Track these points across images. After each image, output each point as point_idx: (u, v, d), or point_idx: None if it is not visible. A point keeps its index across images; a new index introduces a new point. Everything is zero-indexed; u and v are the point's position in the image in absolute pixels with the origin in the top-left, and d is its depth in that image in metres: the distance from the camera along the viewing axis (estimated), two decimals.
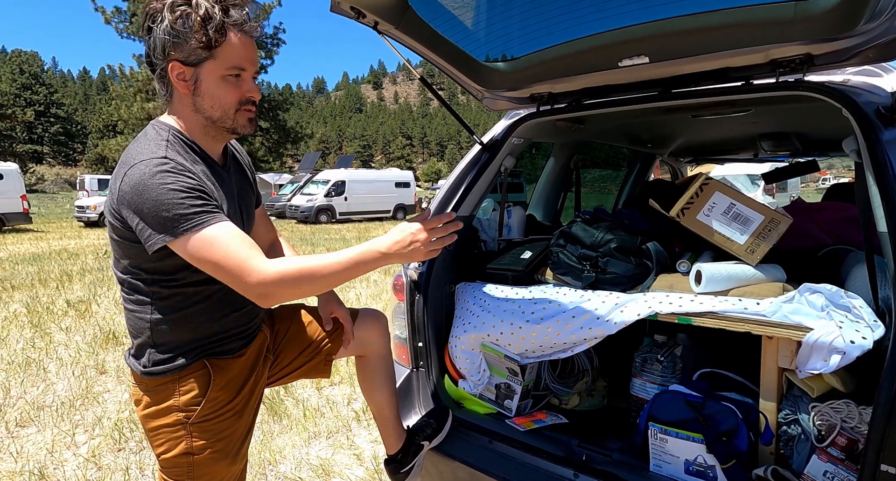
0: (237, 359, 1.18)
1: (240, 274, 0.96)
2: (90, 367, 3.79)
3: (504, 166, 2.00)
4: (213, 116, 1.05)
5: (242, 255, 0.96)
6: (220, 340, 1.15)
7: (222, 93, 1.03)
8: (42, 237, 13.82)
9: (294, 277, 0.98)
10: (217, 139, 1.11)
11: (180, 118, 1.06)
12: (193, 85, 1.01)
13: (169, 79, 1.01)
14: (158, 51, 0.99)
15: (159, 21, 0.97)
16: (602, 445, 1.47)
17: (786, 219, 1.46)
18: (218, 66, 1.01)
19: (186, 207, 0.94)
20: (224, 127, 1.07)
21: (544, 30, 1.62)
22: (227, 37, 0.99)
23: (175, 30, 0.96)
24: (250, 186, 1.28)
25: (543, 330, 1.55)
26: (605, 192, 4.06)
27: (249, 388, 1.21)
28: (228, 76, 1.02)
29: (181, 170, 0.97)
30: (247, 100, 1.06)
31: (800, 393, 1.29)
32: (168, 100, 1.06)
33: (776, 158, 3.96)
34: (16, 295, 6.32)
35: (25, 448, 2.66)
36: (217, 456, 1.14)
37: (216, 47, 0.98)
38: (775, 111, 2.24)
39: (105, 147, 32.58)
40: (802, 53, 1.35)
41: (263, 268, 0.96)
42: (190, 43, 0.97)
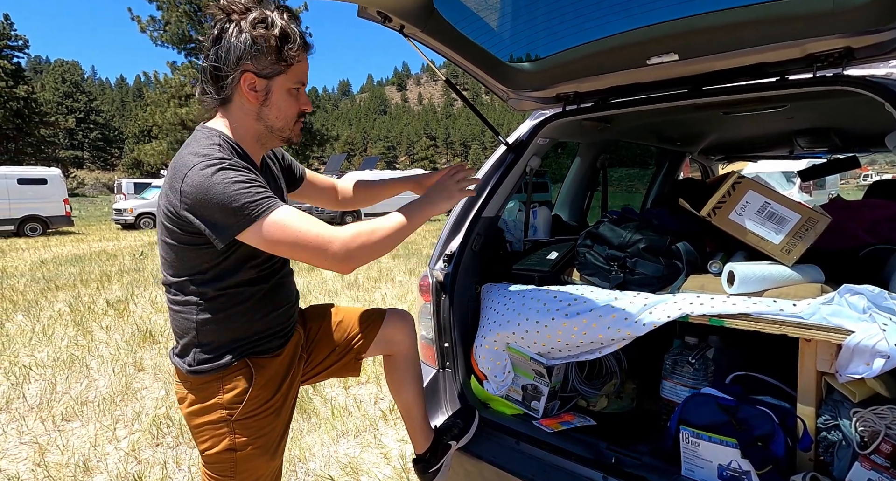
0: (276, 357, 1.22)
1: (321, 245, 1.00)
2: (129, 365, 3.94)
3: (529, 166, 1.99)
4: (275, 126, 1.10)
5: (317, 230, 1.01)
6: (261, 339, 1.18)
7: (287, 105, 1.09)
8: (83, 239, 14.42)
9: (367, 234, 1.05)
10: (265, 146, 1.16)
11: (234, 124, 1.09)
12: (264, 96, 1.06)
13: (236, 87, 1.05)
14: (231, 60, 1.02)
15: (236, 32, 1.01)
16: (631, 448, 1.45)
17: (824, 218, 1.41)
18: (287, 80, 1.07)
19: (252, 195, 0.98)
20: (281, 136, 1.13)
21: (570, 29, 1.61)
22: (301, 55, 1.06)
23: (256, 44, 1.01)
24: (282, 185, 1.33)
25: (570, 327, 1.54)
26: (632, 192, 3.99)
27: (287, 386, 1.25)
28: (293, 89, 1.09)
29: (239, 165, 1.02)
30: (302, 112, 1.14)
31: (840, 398, 1.25)
32: (220, 105, 1.09)
33: (813, 155, 3.81)
34: (60, 295, 6.62)
35: (71, 441, 2.79)
36: (258, 452, 1.17)
37: (293, 64, 1.05)
38: (813, 106, 2.17)
39: (140, 151, 33.78)
40: (842, 47, 1.30)
41: (341, 234, 1.02)
42: (269, 57, 1.02)
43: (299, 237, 1.00)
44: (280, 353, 1.23)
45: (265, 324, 1.18)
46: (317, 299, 6.18)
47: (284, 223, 0.99)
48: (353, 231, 1.04)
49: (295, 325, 1.31)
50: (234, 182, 0.98)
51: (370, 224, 1.07)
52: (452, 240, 1.86)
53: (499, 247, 2.05)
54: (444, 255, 1.82)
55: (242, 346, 1.15)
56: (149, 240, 13.71)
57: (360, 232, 1.05)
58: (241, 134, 1.10)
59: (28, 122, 40.72)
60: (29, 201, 14.77)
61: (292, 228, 0.99)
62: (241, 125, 1.09)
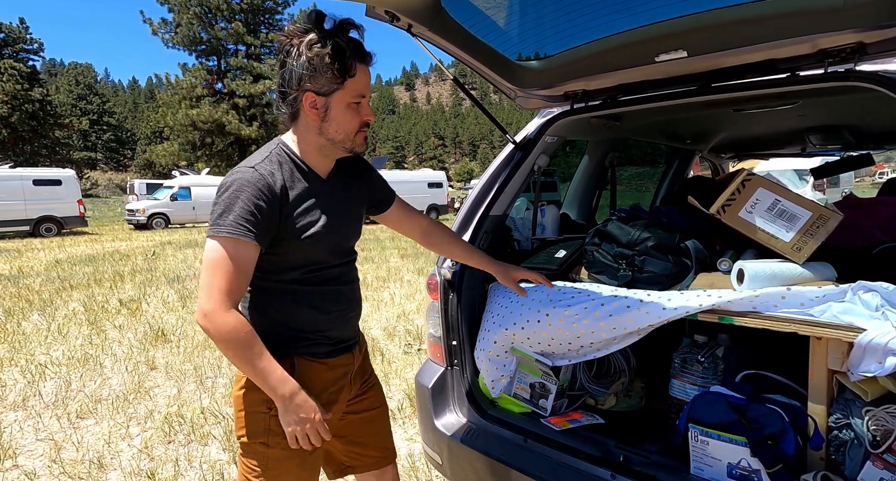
0: (321, 364, 1.23)
1: (203, 295, 1.06)
2: (141, 363, 3.99)
3: (537, 165, 1.99)
4: (336, 139, 1.16)
5: (212, 285, 1.05)
6: (307, 339, 1.21)
7: (347, 118, 1.14)
8: (96, 239, 14.63)
9: (224, 339, 1.05)
10: (330, 157, 1.22)
11: (299, 138, 1.18)
12: (324, 112, 1.12)
13: (299, 105, 1.12)
14: (294, 82, 1.10)
15: (296, 56, 1.08)
16: (640, 446, 1.44)
17: (836, 216, 1.40)
18: (345, 95, 1.12)
19: (234, 213, 1.05)
20: (343, 147, 1.18)
21: (578, 26, 1.61)
22: (355, 69, 1.10)
23: (312, 64, 1.07)
24: (359, 196, 1.33)
25: (571, 317, 1.53)
26: (641, 190, 3.97)
27: (326, 400, 1.22)
28: (352, 103, 1.13)
29: (257, 174, 1.09)
30: (365, 123, 1.18)
31: (852, 397, 1.24)
32: (290, 121, 1.17)
33: (826, 152, 3.76)
34: (74, 294, 6.72)
35: (85, 438, 2.84)
36: (289, 455, 1.17)
37: (347, 80, 1.10)
38: (825, 103, 2.14)
39: (152, 152, 34.20)
40: (854, 42, 1.28)
41: (213, 310, 1.05)
42: (326, 75, 1.08)
43: (213, 275, 1.06)
44: (326, 363, 1.23)
45: (315, 324, 1.21)
46: None
47: (218, 254, 1.05)
48: (220, 323, 1.04)
49: (351, 348, 1.31)
50: (244, 196, 1.07)
51: (237, 340, 1.06)
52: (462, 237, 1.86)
53: (507, 245, 2.05)
54: None
55: (287, 341, 1.18)
56: (160, 240, 13.87)
57: (223, 332, 1.04)
58: (304, 147, 1.17)
59: (43, 124, 41.39)
60: (44, 202, 15.02)
61: (215, 265, 1.06)
62: (304, 139, 1.17)
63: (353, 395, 1.36)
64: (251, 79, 31.81)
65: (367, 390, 1.41)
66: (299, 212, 1.14)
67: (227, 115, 30.54)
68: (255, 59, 32.71)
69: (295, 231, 1.13)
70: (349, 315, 1.28)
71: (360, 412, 1.39)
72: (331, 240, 1.19)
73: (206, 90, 32.17)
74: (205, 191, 19.38)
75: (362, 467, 1.43)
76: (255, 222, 1.06)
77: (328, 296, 1.22)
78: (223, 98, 32.49)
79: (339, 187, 1.25)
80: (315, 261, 1.19)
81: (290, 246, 1.14)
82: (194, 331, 4.85)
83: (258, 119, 31.88)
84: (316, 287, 1.20)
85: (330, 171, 1.24)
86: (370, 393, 1.42)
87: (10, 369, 3.93)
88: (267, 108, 32.27)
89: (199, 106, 30.81)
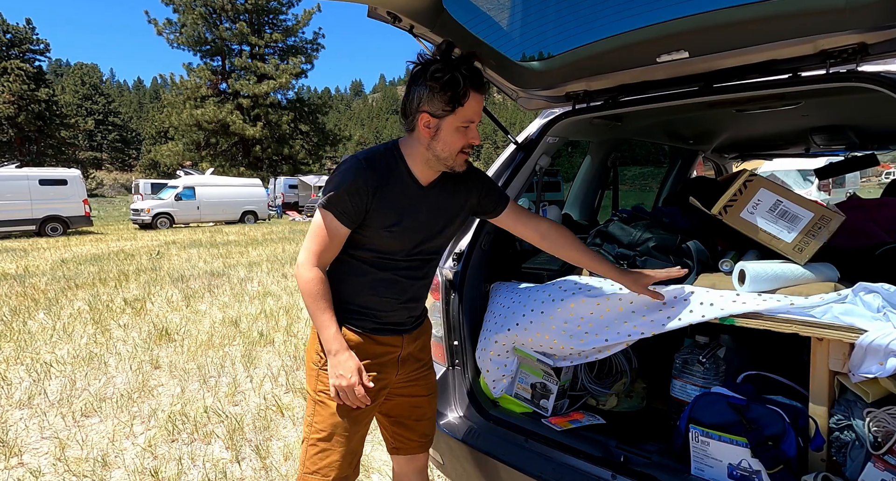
0: (366, 337, 1.36)
1: (305, 253, 1.31)
2: (145, 362, 4.02)
3: (539, 165, 1.99)
4: (441, 156, 1.28)
5: (315, 248, 1.30)
6: (356, 313, 1.36)
7: (453, 140, 1.25)
8: (101, 239, 14.71)
9: (303, 288, 1.30)
10: (433, 169, 1.33)
11: (412, 146, 1.31)
12: (434, 132, 1.25)
13: (416, 122, 1.26)
14: (414, 103, 1.24)
15: (420, 82, 1.22)
16: (641, 447, 1.44)
17: (838, 216, 1.39)
18: (455, 120, 1.23)
19: (336, 198, 1.25)
20: (445, 164, 1.30)
21: (579, 27, 1.61)
22: (468, 98, 1.21)
23: (431, 91, 1.20)
24: (460, 206, 1.42)
25: (566, 307, 1.56)
26: (645, 190, 3.96)
27: (367, 370, 1.35)
28: (461, 127, 1.25)
29: (362, 179, 1.25)
30: (469, 145, 1.28)
31: (853, 398, 1.24)
32: (408, 130, 1.32)
33: (830, 152, 3.74)
34: (79, 293, 6.76)
35: (90, 437, 2.86)
36: (332, 408, 1.34)
37: (459, 107, 1.21)
38: (828, 103, 2.13)
39: (157, 152, 34.35)
40: (855, 43, 1.28)
41: (302, 263, 1.31)
42: (440, 101, 1.21)
43: (309, 239, 1.31)
44: (370, 338, 1.37)
45: (364, 301, 1.36)
46: None
47: (318, 224, 1.30)
48: (306, 276, 1.29)
49: (401, 332, 1.42)
50: (340, 173, 1.27)
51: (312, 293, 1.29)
52: (462, 238, 1.87)
53: (508, 245, 2.05)
54: (454, 254, 1.84)
55: (342, 310, 1.35)
56: (165, 240, 13.94)
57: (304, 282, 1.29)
58: (412, 156, 1.31)
59: (49, 124, 41.66)
60: (50, 202, 15.11)
61: (313, 231, 1.31)
62: (414, 149, 1.30)
63: (404, 379, 1.47)
64: (255, 79, 31.92)
65: (418, 377, 1.51)
66: (386, 210, 1.28)
67: (232, 115, 30.65)
68: (259, 59, 32.80)
69: (376, 224, 1.28)
70: (401, 304, 1.39)
71: (407, 396, 1.50)
72: (406, 239, 1.32)
73: (210, 90, 32.31)
74: (209, 190, 19.46)
75: (405, 450, 1.56)
76: (345, 207, 1.25)
77: (387, 283, 1.35)
78: (227, 98, 32.61)
79: (436, 195, 1.36)
80: (386, 251, 1.33)
81: (370, 233, 1.30)
82: (198, 331, 4.88)
83: (262, 119, 31.98)
84: (379, 271, 1.34)
85: (433, 180, 1.35)
86: (421, 382, 1.52)
87: (16, 367, 3.96)
88: (271, 108, 32.38)
89: (203, 106, 30.94)
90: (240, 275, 8.09)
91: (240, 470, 2.49)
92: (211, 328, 4.99)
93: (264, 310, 5.68)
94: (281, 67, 32.17)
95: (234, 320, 5.25)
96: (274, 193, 26.05)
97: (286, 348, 4.32)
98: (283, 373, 3.72)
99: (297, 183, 27.66)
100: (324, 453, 1.35)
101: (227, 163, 32.21)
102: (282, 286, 7.13)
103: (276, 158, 33.67)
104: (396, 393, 1.48)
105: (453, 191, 1.39)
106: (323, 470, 1.35)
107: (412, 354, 1.47)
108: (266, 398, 3.31)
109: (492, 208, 1.48)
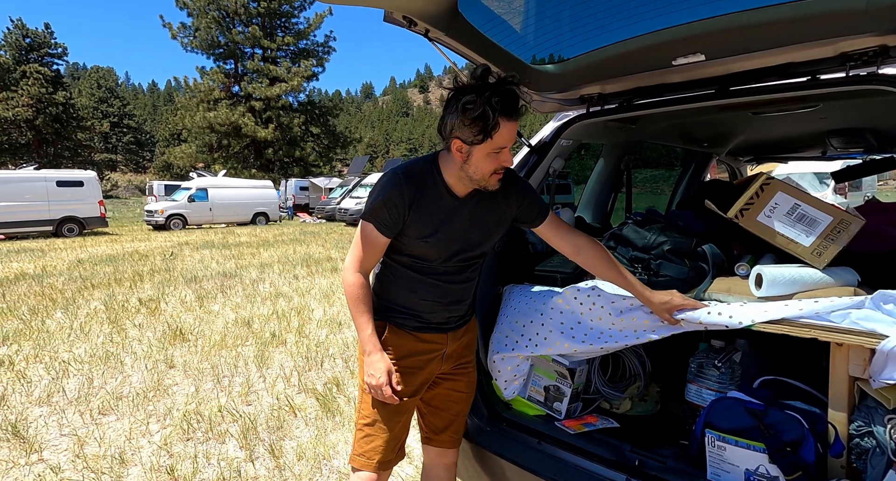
0: (409, 334, 1.46)
1: (350, 260, 1.40)
2: (160, 362, 4.07)
3: (552, 168, 1.99)
4: (473, 178, 1.33)
5: (358, 257, 1.40)
6: (400, 313, 1.46)
7: (484, 164, 1.29)
8: (116, 240, 14.92)
9: (346, 292, 1.40)
10: (466, 186, 1.38)
11: (447, 163, 1.36)
12: (466, 156, 1.29)
13: (450, 145, 1.31)
14: (448, 129, 1.29)
15: (453, 110, 1.25)
16: (655, 451, 1.44)
17: (857, 220, 1.38)
18: (486, 147, 1.26)
19: (377, 209, 1.33)
20: (478, 185, 1.35)
21: (594, 30, 1.61)
22: (498, 128, 1.23)
23: (463, 120, 1.24)
24: (497, 218, 1.46)
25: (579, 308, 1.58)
26: (658, 193, 3.94)
27: (410, 365, 1.46)
28: (492, 153, 1.28)
29: (400, 190, 1.32)
30: (501, 168, 1.32)
31: (874, 404, 1.22)
32: (446, 150, 1.36)
33: (847, 155, 3.69)
34: (95, 293, 6.87)
35: (107, 434, 2.90)
36: (368, 399, 1.47)
37: (489, 138, 1.25)
38: (846, 106, 2.11)
39: (171, 154, 34.81)
40: (876, 45, 1.27)
41: (347, 268, 1.41)
42: (472, 131, 1.24)
43: (355, 248, 1.41)
44: (414, 336, 1.47)
45: (406, 302, 1.46)
46: (339, 299, 6.27)
47: (362, 234, 1.38)
48: (350, 281, 1.39)
49: (444, 330, 1.49)
50: (380, 186, 1.34)
51: (354, 297, 1.39)
52: None
53: (521, 248, 2.05)
54: None
55: (388, 309, 1.47)
56: (178, 241, 14.11)
57: (348, 288, 1.39)
58: (448, 172, 1.37)
59: (66, 127, 42.42)
60: (67, 203, 15.37)
61: (358, 241, 1.39)
62: (450, 167, 1.36)
63: (447, 371, 1.55)
64: (267, 82, 32.23)
65: (459, 374, 1.58)
66: (422, 221, 1.35)
67: (244, 118, 30.98)
68: (271, 62, 33.12)
69: (414, 234, 1.36)
70: (443, 306, 1.47)
71: (447, 389, 1.58)
72: (441, 248, 1.39)
73: (223, 93, 32.69)
74: (221, 192, 19.65)
75: (437, 443, 1.62)
76: (384, 219, 1.33)
77: (427, 286, 1.44)
78: (240, 101, 32.96)
79: (472, 207, 1.41)
80: (424, 257, 1.41)
81: (408, 241, 1.38)
82: (211, 331, 4.93)
83: (273, 121, 32.26)
84: (419, 275, 1.43)
85: (469, 192, 1.39)
86: (462, 378, 1.59)
87: (36, 366, 4.03)
88: (282, 111, 32.66)
89: (216, 108, 31.29)
90: (252, 276, 8.16)
91: (254, 469, 2.51)
92: (224, 328, 5.04)
93: (276, 310, 5.72)
94: (292, 70, 32.46)
95: (246, 321, 5.30)
96: (285, 195, 26.24)
97: (298, 349, 4.36)
98: (296, 374, 3.75)
99: (307, 185, 27.85)
100: (368, 437, 1.47)
101: (240, 164, 32.54)
102: (293, 287, 7.19)
103: (288, 160, 33.95)
104: (438, 382, 1.56)
105: (491, 202, 1.43)
106: (368, 454, 1.47)
107: (456, 351, 1.55)
108: (279, 398, 3.33)
109: (531, 219, 1.50)
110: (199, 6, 31.14)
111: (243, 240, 14.36)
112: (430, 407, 1.60)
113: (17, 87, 40.47)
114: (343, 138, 36.66)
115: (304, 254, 10.94)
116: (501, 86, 1.22)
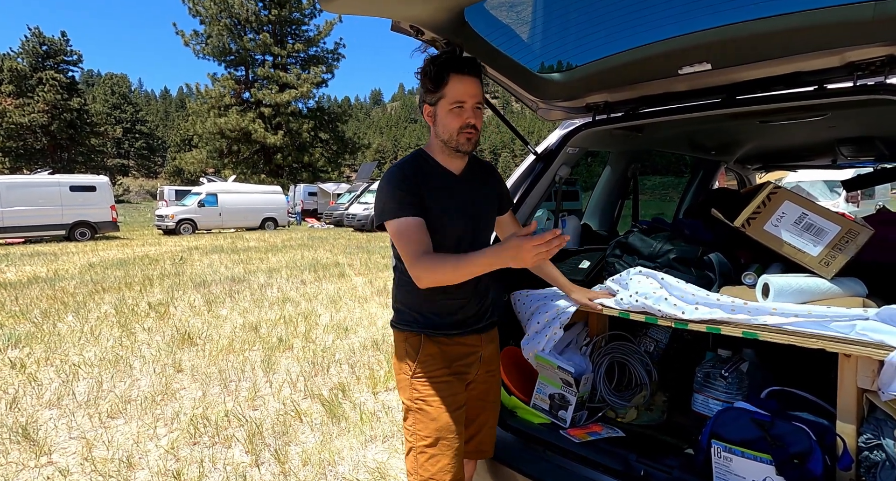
0: (452, 343, 1.44)
1: (407, 259, 1.30)
2: (168, 366, 4.10)
3: (559, 175, 2.00)
4: (444, 138, 1.37)
5: (410, 249, 1.30)
6: (433, 318, 1.42)
7: (448, 121, 1.35)
8: (127, 244, 15.09)
9: (429, 268, 1.27)
10: (452, 157, 1.42)
11: (430, 145, 1.44)
12: (433, 118, 1.38)
13: (424, 116, 1.39)
14: (418, 101, 1.41)
15: (420, 80, 1.37)
16: (661, 461, 1.43)
17: (866, 230, 1.37)
18: (446, 103, 1.34)
19: (390, 202, 1.32)
20: (450, 146, 1.38)
21: (601, 39, 1.62)
22: (447, 81, 1.32)
23: (423, 85, 1.36)
24: (491, 196, 1.52)
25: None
26: (665, 200, 3.93)
27: (454, 371, 1.43)
28: (453, 108, 1.34)
29: (401, 176, 1.35)
30: (466, 124, 1.35)
31: (883, 417, 1.20)
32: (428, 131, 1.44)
33: (858, 163, 3.66)
34: (106, 297, 6.94)
35: (115, 437, 2.92)
36: (425, 412, 1.38)
37: (441, 89, 1.33)
38: (856, 114, 2.10)
39: (182, 160, 35.22)
40: (884, 55, 1.27)
41: (412, 266, 1.29)
42: (429, 88, 1.35)
43: (400, 246, 1.32)
44: (452, 341, 1.44)
45: (437, 305, 1.42)
46: (346, 304, 6.29)
47: (395, 231, 1.33)
48: (424, 261, 1.27)
49: (479, 331, 1.48)
50: (386, 184, 1.35)
51: (437, 261, 1.27)
52: None
53: None
54: None
55: (419, 319, 1.43)
56: (188, 246, 14.24)
57: (425, 264, 1.27)
58: (433, 148, 1.43)
59: (80, 132, 43.10)
60: (79, 207, 15.59)
61: (399, 239, 1.32)
62: (431, 142, 1.44)
63: (476, 379, 1.52)
64: (277, 88, 32.56)
65: (488, 381, 1.55)
66: (436, 194, 1.36)
67: (254, 124, 31.29)
68: (281, 69, 33.47)
69: (434, 204, 1.35)
70: (472, 292, 1.44)
71: (475, 397, 1.53)
72: (464, 218, 1.40)
73: (233, 99, 33.06)
74: (230, 197, 19.82)
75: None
76: (403, 200, 1.32)
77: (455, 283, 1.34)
78: (250, 107, 33.31)
79: (470, 182, 1.46)
80: (449, 237, 1.38)
81: (433, 219, 1.34)
82: (219, 336, 4.96)
83: (283, 127, 32.55)
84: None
85: (462, 170, 1.45)
86: (490, 387, 1.57)
87: (46, 368, 4.08)
88: (292, 117, 32.96)
89: (226, 114, 31.66)
90: (260, 280, 8.21)
91: (259, 474, 2.52)
92: (231, 333, 5.07)
93: (283, 315, 5.75)
94: (302, 77, 32.77)
95: (254, 325, 5.33)
96: (293, 200, 26.42)
97: (305, 354, 4.37)
98: (302, 379, 3.76)
99: (316, 190, 28.01)
100: (433, 458, 1.37)
101: (249, 170, 32.84)
102: (300, 292, 7.22)
103: (297, 166, 34.19)
104: (468, 389, 1.52)
105: (482, 181, 1.50)
106: (437, 476, 1.36)
107: (489, 356, 1.54)
108: (285, 403, 3.34)
109: (503, 206, 1.59)
110: (212, 14, 31.59)
111: (252, 244, 14.46)
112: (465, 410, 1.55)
113: (34, 93, 41.26)
114: (352, 144, 36.88)
115: (311, 259, 10.99)
116: (450, 50, 1.37)
